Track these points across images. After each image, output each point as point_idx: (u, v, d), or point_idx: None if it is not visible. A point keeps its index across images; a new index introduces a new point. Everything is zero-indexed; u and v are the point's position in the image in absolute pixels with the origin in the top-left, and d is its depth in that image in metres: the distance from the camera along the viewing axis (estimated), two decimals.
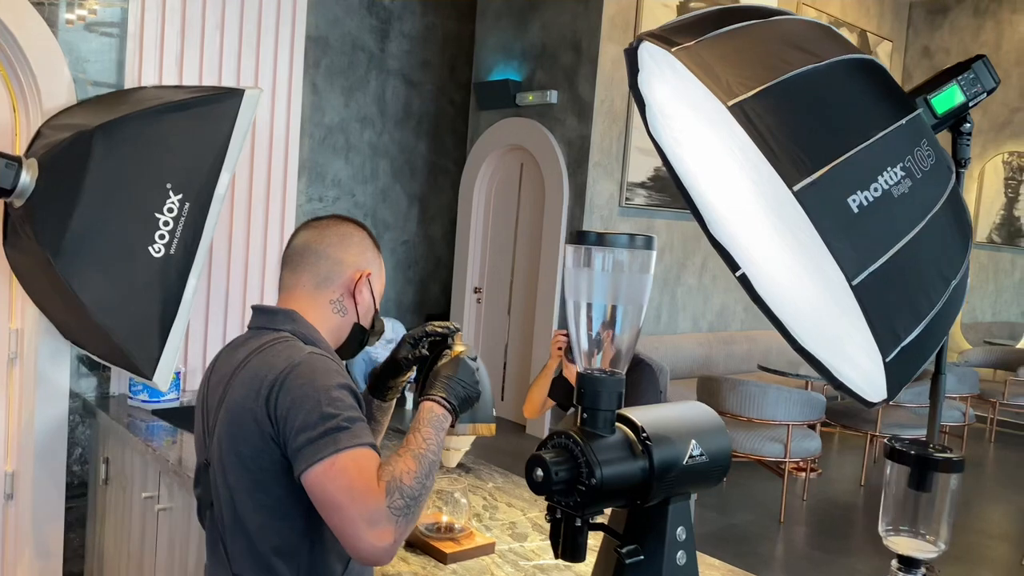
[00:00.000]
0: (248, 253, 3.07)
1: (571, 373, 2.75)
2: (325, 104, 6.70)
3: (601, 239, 1.38)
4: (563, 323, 5.63)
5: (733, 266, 2.10)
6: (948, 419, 5.79)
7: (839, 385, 1.98)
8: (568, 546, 1.37)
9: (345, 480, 1.20)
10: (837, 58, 1.69)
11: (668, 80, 1.85)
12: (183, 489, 2.20)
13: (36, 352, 2.68)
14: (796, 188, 1.51)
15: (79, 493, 2.81)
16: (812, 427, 5.26)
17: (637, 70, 1.92)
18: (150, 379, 2.33)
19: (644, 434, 1.40)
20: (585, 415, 1.38)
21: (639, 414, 1.44)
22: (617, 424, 1.41)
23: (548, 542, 1.85)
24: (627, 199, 5.78)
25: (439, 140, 7.52)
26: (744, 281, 2.11)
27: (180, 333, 2.35)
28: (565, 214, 5.73)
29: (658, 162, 5.93)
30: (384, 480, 1.23)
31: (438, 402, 1.39)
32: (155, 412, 2.66)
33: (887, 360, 1.60)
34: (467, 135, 7.01)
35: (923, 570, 1.09)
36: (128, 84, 2.72)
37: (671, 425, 1.46)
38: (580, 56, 5.69)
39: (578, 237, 1.37)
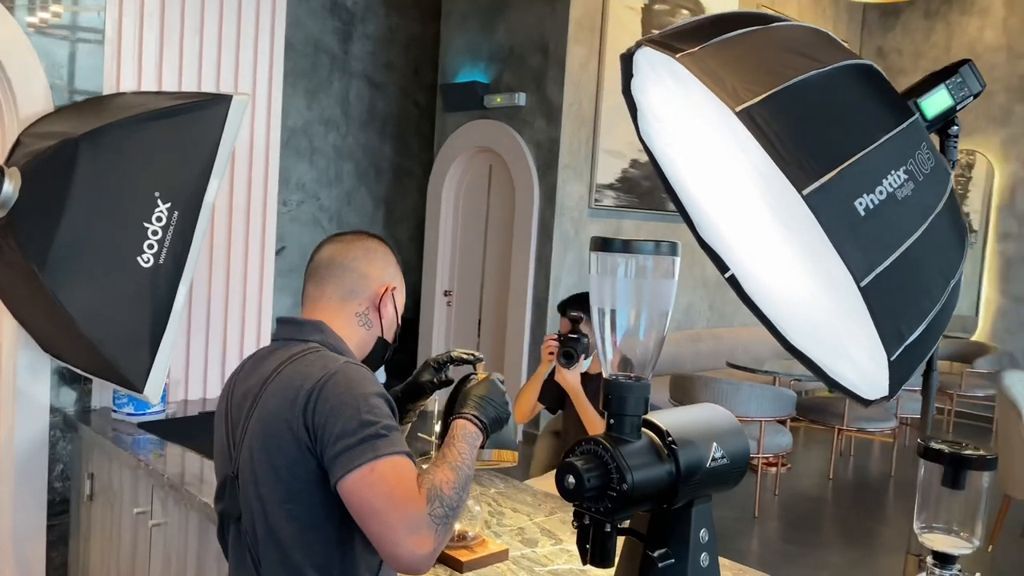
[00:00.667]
0: (229, 263, 3.02)
1: (563, 378, 2.76)
2: (288, 107, 6.61)
3: (626, 246, 1.38)
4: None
5: (722, 267, 2.13)
6: (908, 411, 5.94)
7: (832, 383, 2.02)
8: (597, 552, 1.38)
9: (385, 486, 1.21)
10: (838, 64, 1.72)
11: (666, 85, 1.87)
12: (179, 504, 2.16)
13: (14, 366, 2.60)
14: (805, 192, 1.53)
15: (61, 510, 2.74)
16: (782, 423, 5.35)
17: (631, 75, 1.93)
18: (141, 392, 2.28)
19: (669, 438, 1.41)
20: (612, 421, 1.39)
21: (662, 418, 1.45)
22: (642, 430, 1.42)
23: (559, 547, 1.86)
24: (596, 200, 5.82)
25: (404, 142, 7.49)
26: (733, 282, 2.14)
27: (170, 344, 2.31)
28: (536, 216, 5.74)
29: (625, 164, 5.99)
30: (424, 488, 1.24)
31: (471, 420, 1.40)
32: (141, 425, 2.60)
33: (892, 359, 1.64)
34: (433, 137, 6.98)
35: (958, 566, 1.12)
36: (107, 90, 2.66)
37: (694, 428, 1.47)
38: (548, 58, 5.71)
39: (603, 244, 1.38)
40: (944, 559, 1.13)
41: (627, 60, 1.87)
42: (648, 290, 1.40)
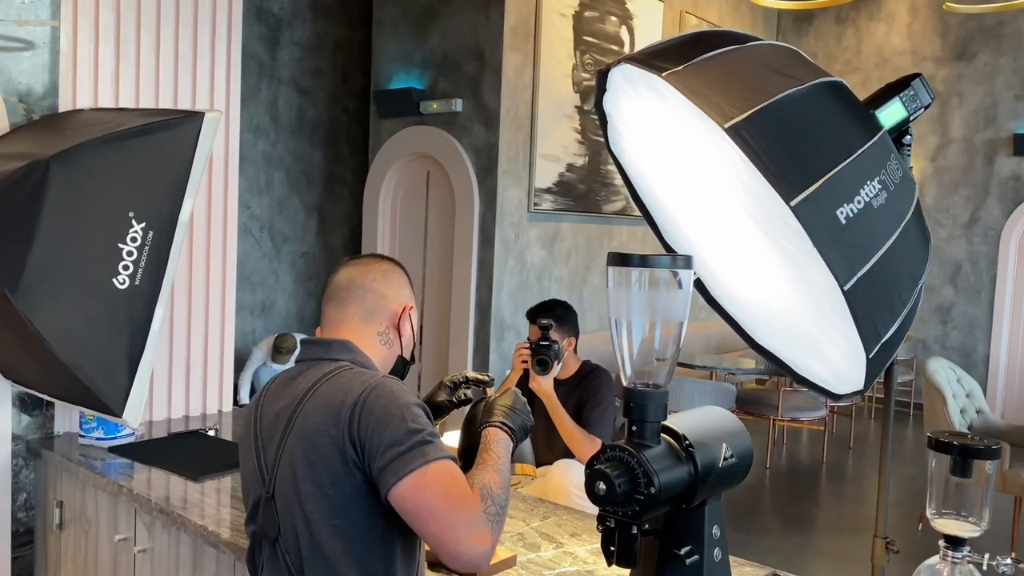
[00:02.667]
0: (191, 281, 2.97)
1: (538, 385, 2.82)
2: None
3: (643, 261, 1.45)
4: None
5: None
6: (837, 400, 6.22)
7: (800, 379, 2.15)
8: (624, 553, 1.44)
9: (441, 488, 1.26)
10: (813, 81, 1.83)
11: (644, 101, 1.95)
12: (167, 528, 2.13)
13: None
14: (793, 204, 1.64)
15: (26, 541, 2.65)
16: None
17: (605, 90, 2.02)
18: (120, 416, 2.23)
19: (686, 441, 1.49)
20: (633, 428, 1.46)
21: (676, 422, 1.53)
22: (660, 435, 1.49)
23: (561, 550, 1.92)
24: (535, 204, 5.91)
25: (335, 149, 7.42)
26: (699, 285, 2.25)
27: (148, 367, 2.27)
28: (476, 221, 5.79)
29: (562, 168, 6.09)
30: (476, 487, 1.30)
31: (500, 427, 1.46)
32: (112, 449, 2.54)
33: (870, 357, 1.76)
34: (365, 143, 6.95)
35: (967, 548, 1.23)
36: (63, 106, 2.58)
37: (706, 431, 1.55)
38: (483, 65, 5.76)
39: (620, 260, 1.44)
40: (955, 542, 1.23)
41: (603, 76, 1.95)
42: (663, 301, 1.47)
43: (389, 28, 6.35)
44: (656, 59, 1.81)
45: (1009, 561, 1.19)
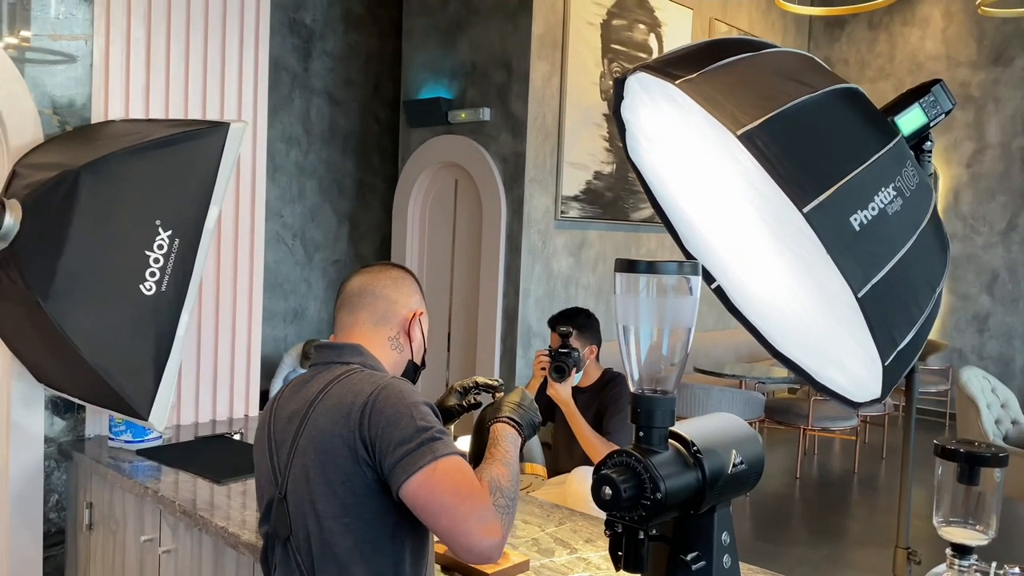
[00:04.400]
0: (219, 287, 3.03)
1: (555, 392, 2.83)
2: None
3: (651, 267, 1.46)
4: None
5: (708, 279, 2.24)
6: (869, 410, 6.15)
7: (820, 387, 2.13)
8: (631, 559, 1.45)
9: (450, 482, 1.29)
10: (827, 88, 1.83)
11: (661, 108, 1.96)
12: (190, 529, 2.18)
13: (8, 397, 2.58)
14: (806, 210, 1.64)
15: (57, 541, 2.72)
16: (751, 424, 5.50)
17: (622, 97, 2.03)
18: (146, 419, 2.28)
19: (694, 447, 1.49)
20: (641, 433, 1.47)
21: (684, 429, 1.54)
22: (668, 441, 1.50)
23: (575, 556, 1.92)
24: (562, 212, 5.92)
25: (366, 158, 7.50)
26: (719, 292, 2.25)
27: (174, 371, 2.32)
28: (504, 229, 5.81)
29: (589, 176, 6.10)
30: (485, 481, 1.33)
31: (508, 423, 1.49)
32: (140, 452, 2.60)
33: (886, 364, 1.75)
34: (395, 153, 7.02)
35: (975, 556, 1.22)
36: (95, 117, 2.66)
37: (714, 437, 1.55)
38: (511, 74, 5.79)
39: (627, 266, 1.46)
40: (962, 550, 1.22)
41: (620, 83, 1.97)
42: (670, 308, 1.48)
43: (419, 38, 6.42)
44: (671, 67, 1.82)
45: (1017, 570, 1.18)
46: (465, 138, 6.02)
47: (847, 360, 1.96)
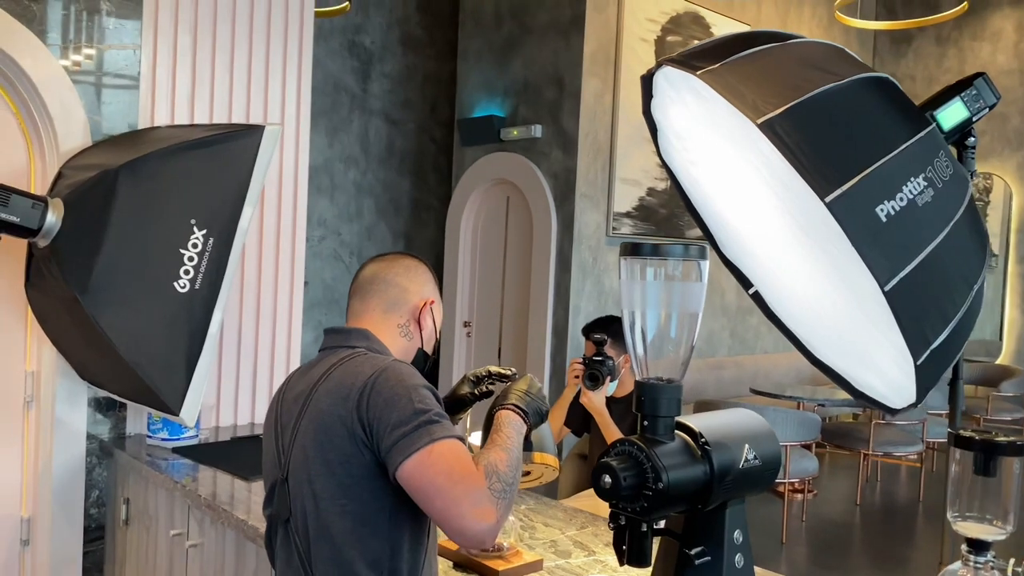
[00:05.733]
0: (259, 294, 3.08)
1: (589, 400, 2.78)
2: (309, 144, 6.74)
3: (656, 250, 1.42)
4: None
5: (746, 284, 2.17)
6: (935, 435, 5.89)
7: (858, 394, 2.03)
8: (634, 552, 1.40)
9: (445, 465, 1.28)
10: (854, 76, 1.76)
11: (687, 103, 1.92)
12: (215, 523, 2.20)
13: (53, 394, 2.66)
14: (828, 200, 1.57)
15: (97, 536, 2.78)
16: (807, 447, 5.33)
17: (651, 96, 1.99)
18: (177, 415, 2.32)
19: (703, 439, 1.44)
20: (646, 422, 1.42)
21: (695, 421, 1.49)
22: (676, 432, 1.45)
23: (592, 558, 1.87)
24: (614, 228, 5.87)
25: (422, 177, 7.59)
26: (757, 298, 2.17)
27: (206, 368, 2.36)
28: (554, 245, 5.80)
29: (642, 192, 6.04)
30: (481, 465, 1.31)
31: (512, 409, 1.47)
32: (175, 450, 2.65)
33: (918, 363, 1.66)
34: (450, 172, 7.09)
35: (992, 552, 1.14)
36: (141, 124, 2.75)
37: (726, 431, 1.50)
38: (563, 91, 5.80)
39: (632, 249, 1.42)
40: (979, 546, 1.14)
41: (647, 81, 1.93)
42: (677, 293, 1.44)
43: (473, 58, 6.49)
44: (694, 59, 1.78)
45: None
46: (517, 155, 6.05)
47: (881, 361, 1.88)
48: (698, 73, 1.72)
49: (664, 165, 2.10)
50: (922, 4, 7.72)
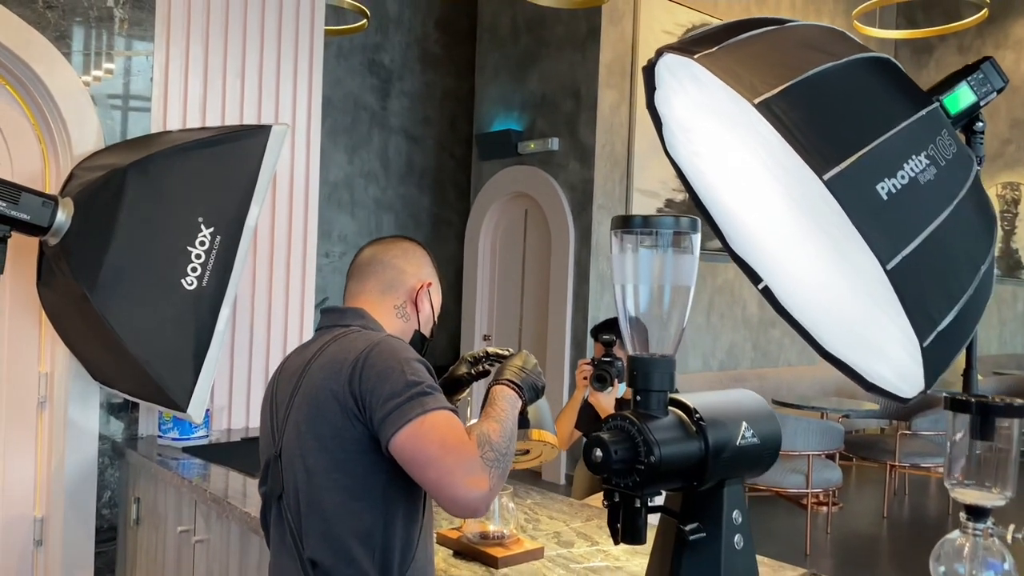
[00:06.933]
0: (271, 297, 3.10)
1: (597, 401, 2.76)
2: (329, 161, 6.81)
3: (646, 222, 1.41)
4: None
5: (755, 278, 2.14)
6: None
7: (871, 387, 2.00)
8: (628, 529, 1.38)
9: (437, 435, 1.27)
10: (854, 56, 1.75)
11: (688, 92, 1.91)
12: (221, 518, 2.20)
13: (66, 396, 2.68)
14: (826, 177, 1.55)
15: (109, 537, 2.79)
16: (831, 458, 5.24)
17: (654, 88, 1.98)
18: (184, 411, 2.34)
19: (697, 415, 1.42)
20: (638, 397, 1.41)
21: (690, 397, 1.47)
22: (670, 408, 1.43)
23: (595, 548, 1.85)
24: None
25: (442, 193, 7.64)
26: (767, 293, 2.14)
27: (213, 364, 2.37)
28: (572, 257, 5.79)
29: (660, 203, 6.03)
30: (474, 435, 1.31)
31: (507, 384, 1.47)
32: (186, 449, 2.66)
33: (924, 345, 1.62)
34: (469, 187, 7.12)
35: (991, 519, 1.11)
36: (154, 128, 2.79)
37: (722, 408, 1.48)
38: (579, 103, 5.82)
39: (623, 223, 1.41)
40: (977, 513, 1.11)
41: (649, 72, 1.93)
42: (669, 266, 1.42)
43: (490, 73, 6.54)
44: (692, 44, 1.77)
45: None
46: (534, 168, 6.06)
47: (889, 348, 1.84)
48: (696, 57, 1.71)
49: (670, 159, 2.09)
50: (943, 13, 7.67)
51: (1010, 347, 8.63)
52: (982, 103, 1.89)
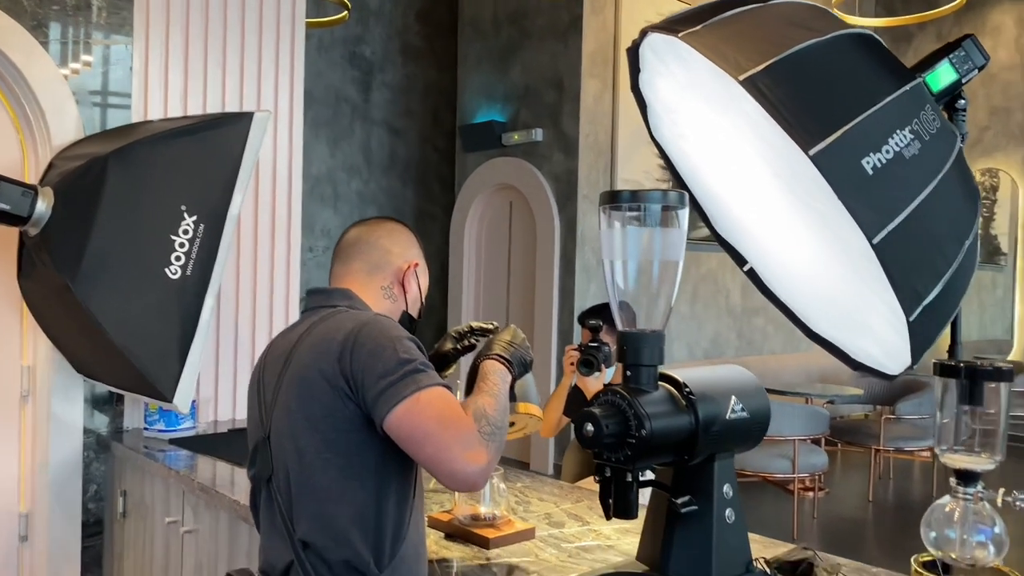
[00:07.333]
0: (255, 288, 3.08)
1: (585, 385, 2.76)
2: (311, 155, 6.78)
3: (635, 196, 1.41)
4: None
5: (740, 261, 2.15)
6: None
7: (857, 365, 2.01)
8: (620, 503, 1.38)
9: (433, 411, 1.27)
10: (837, 32, 1.75)
11: (674, 73, 1.91)
12: (209, 507, 2.18)
13: (49, 389, 2.66)
14: (812, 152, 1.55)
15: (95, 531, 2.77)
16: (817, 443, 5.27)
17: (639, 70, 1.98)
18: (170, 401, 2.31)
19: (687, 389, 1.42)
20: (628, 372, 1.41)
21: (680, 372, 1.47)
22: (660, 383, 1.43)
23: (586, 528, 1.85)
24: None
25: (425, 187, 7.61)
26: (752, 275, 2.15)
27: (198, 354, 2.35)
28: (557, 248, 5.79)
29: None
30: (470, 410, 1.32)
31: (496, 359, 1.46)
32: (172, 441, 2.64)
33: (911, 320, 1.63)
34: (453, 180, 7.10)
35: (981, 484, 1.11)
36: (135, 118, 2.76)
37: (711, 382, 1.48)
38: (563, 94, 5.82)
39: (611, 198, 1.41)
40: (967, 477, 1.12)
41: (634, 54, 1.92)
42: (657, 241, 1.42)
43: (472, 65, 6.52)
44: (676, 23, 1.77)
45: None
46: (518, 159, 6.05)
47: (876, 324, 1.85)
48: (680, 35, 1.71)
49: (655, 142, 2.08)
50: (922, 1, 7.72)
51: (990, 333, 8.71)
52: (964, 80, 1.91)
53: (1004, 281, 8.25)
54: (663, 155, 2.10)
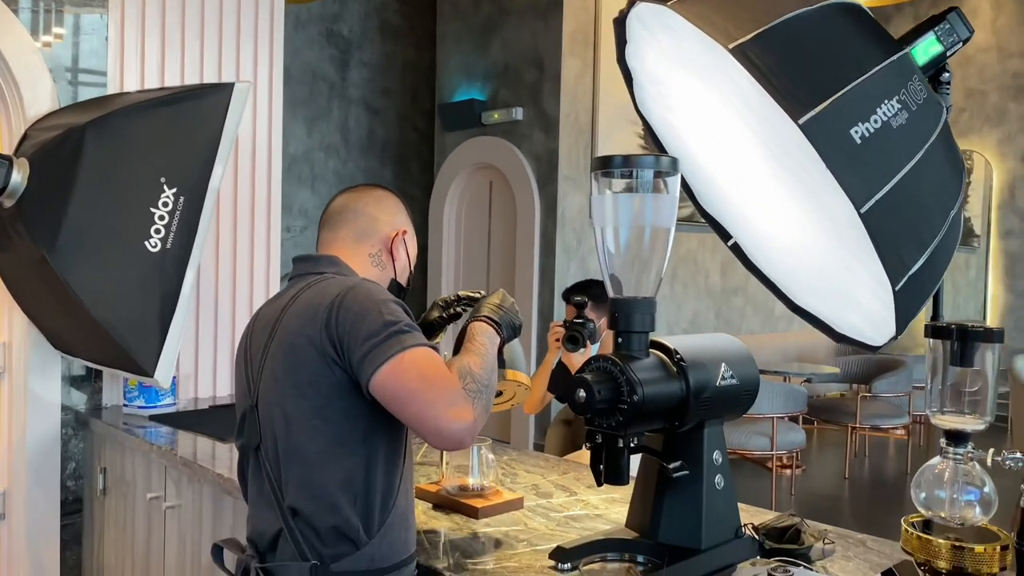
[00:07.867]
0: (235, 264, 3.04)
1: (570, 361, 2.76)
2: (288, 134, 6.67)
3: (626, 162, 1.40)
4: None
5: (724, 235, 2.15)
6: (922, 408, 5.90)
7: (840, 337, 2.02)
8: (611, 468, 1.38)
9: (417, 370, 1.26)
10: (826, 1, 1.75)
11: (661, 44, 1.90)
12: (192, 481, 2.16)
13: (25, 366, 2.61)
14: (801, 121, 1.55)
15: (74, 509, 2.73)
16: (795, 420, 5.33)
17: (625, 42, 1.96)
18: (151, 376, 2.28)
19: (678, 356, 1.42)
20: (620, 339, 1.40)
21: (671, 340, 1.47)
22: (651, 350, 1.43)
23: (574, 498, 1.85)
24: None
25: (404, 167, 7.55)
26: (736, 249, 2.15)
27: (179, 328, 2.32)
28: (538, 228, 5.77)
29: None
30: (455, 368, 1.31)
31: (485, 321, 1.46)
32: (152, 417, 2.61)
33: (896, 289, 1.64)
34: (432, 161, 7.05)
35: (971, 444, 1.12)
36: (111, 90, 2.71)
37: (702, 350, 1.48)
38: (543, 72, 5.79)
39: (602, 163, 1.40)
40: (957, 438, 1.13)
41: (621, 25, 1.91)
42: (648, 207, 1.42)
43: (452, 42, 6.47)
44: None
45: (1019, 454, 1.08)
46: (498, 139, 6.02)
47: (861, 295, 1.86)
48: (669, 3, 1.69)
49: (640, 115, 2.07)
50: None
51: (963, 313, 8.83)
52: (948, 53, 1.92)
53: (977, 263, 8.35)
54: (647, 128, 2.09)
